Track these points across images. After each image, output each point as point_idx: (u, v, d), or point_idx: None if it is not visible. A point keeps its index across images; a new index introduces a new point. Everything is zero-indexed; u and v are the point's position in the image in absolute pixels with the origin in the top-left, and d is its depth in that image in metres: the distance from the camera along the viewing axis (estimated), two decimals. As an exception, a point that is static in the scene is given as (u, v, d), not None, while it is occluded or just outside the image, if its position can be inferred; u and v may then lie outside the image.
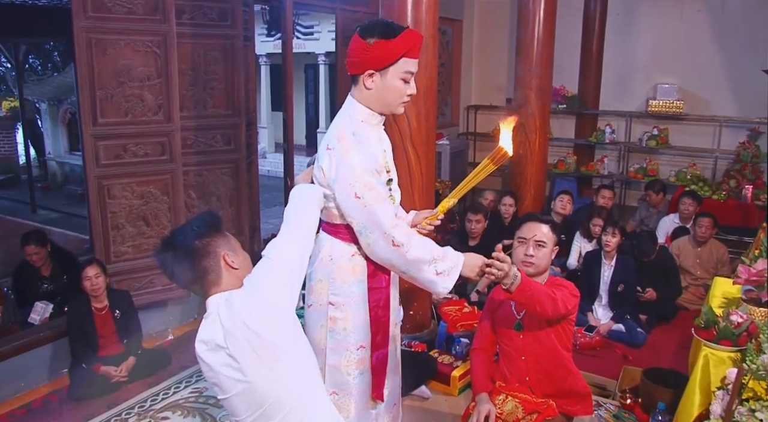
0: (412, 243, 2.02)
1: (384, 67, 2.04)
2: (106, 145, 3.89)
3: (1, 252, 7.11)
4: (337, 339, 2.18)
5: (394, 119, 3.64)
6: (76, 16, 3.67)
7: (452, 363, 3.60)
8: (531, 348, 2.60)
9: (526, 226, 2.58)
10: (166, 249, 1.68)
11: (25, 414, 3.38)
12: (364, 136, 2.09)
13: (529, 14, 5.45)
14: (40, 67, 14.10)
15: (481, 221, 4.88)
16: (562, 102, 7.43)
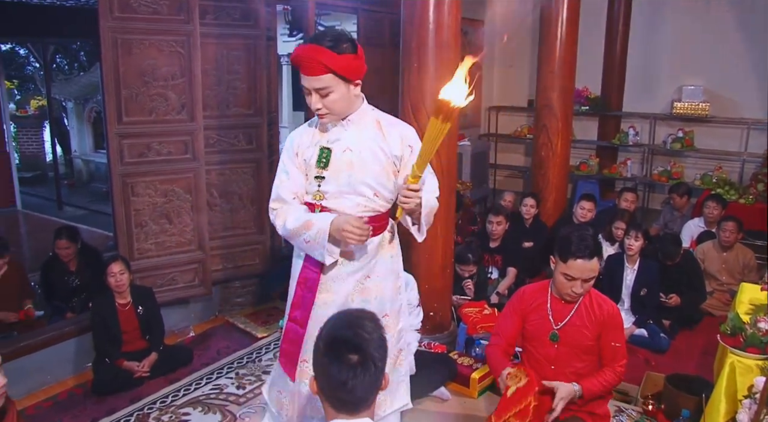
0: (277, 220, 2.27)
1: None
2: (130, 143, 3.94)
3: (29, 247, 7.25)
4: (289, 300, 2.42)
5: (416, 120, 3.65)
6: (102, 17, 3.72)
7: (472, 365, 3.59)
8: (564, 359, 2.60)
9: (575, 266, 2.48)
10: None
11: (51, 407, 3.44)
12: (310, 129, 2.32)
13: (552, 15, 5.42)
14: (67, 67, 14.30)
15: (502, 223, 4.86)
16: (584, 103, 7.36)
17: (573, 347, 2.60)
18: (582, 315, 2.59)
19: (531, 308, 2.68)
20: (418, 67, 3.62)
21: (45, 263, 4.52)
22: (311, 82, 2.13)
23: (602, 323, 2.56)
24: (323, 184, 2.24)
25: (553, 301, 2.64)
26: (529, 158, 7.65)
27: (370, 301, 2.33)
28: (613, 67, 7.22)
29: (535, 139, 5.87)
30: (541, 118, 5.68)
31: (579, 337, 2.59)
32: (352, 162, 2.22)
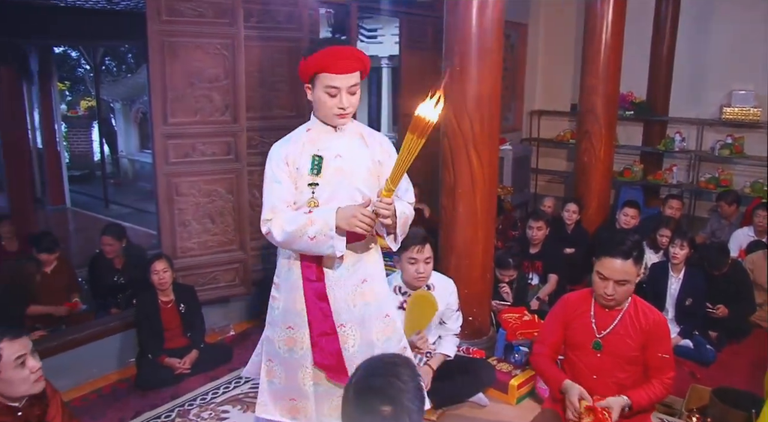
0: (274, 229, 2.24)
1: (308, 80, 2.24)
2: (175, 143, 4.01)
3: (77, 244, 7.46)
4: (272, 315, 2.46)
5: (458, 123, 3.63)
6: (150, 20, 3.81)
7: (511, 371, 3.55)
8: (607, 369, 2.55)
9: (607, 263, 2.46)
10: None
11: (96, 399, 3.53)
12: (296, 139, 2.33)
13: (596, 17, 5.33)
14: (116, 69, 14.70)
15: (543, 228, 4.80)
16: (629, 108, 7.21)
17: (616, 357, 2.55)
18: (626, 324, 2.54)
19: (574, 316, 2.64)
20: (460, 72, 3.60)
21: (92, 260, 4.65)
22: (347, 79, 2.20)
23: (648, 333, 2.50)
24: (317, 191, 2.28)
25: (597, 309, 2.60)
26: (571, 163, 7.54)
27: (370, 303, 2.40)
28: (659, 70, 7.05)
29: (577, 144, 5.78)
30: (584, 122, 5.59)
31: (623, 347, 2.54)
32: (343, 168, 2.30)
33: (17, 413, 2.15)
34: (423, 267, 3.10)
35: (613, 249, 2.45)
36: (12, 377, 2.06)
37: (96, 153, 12.63)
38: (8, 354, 2.05)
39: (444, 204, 3.84)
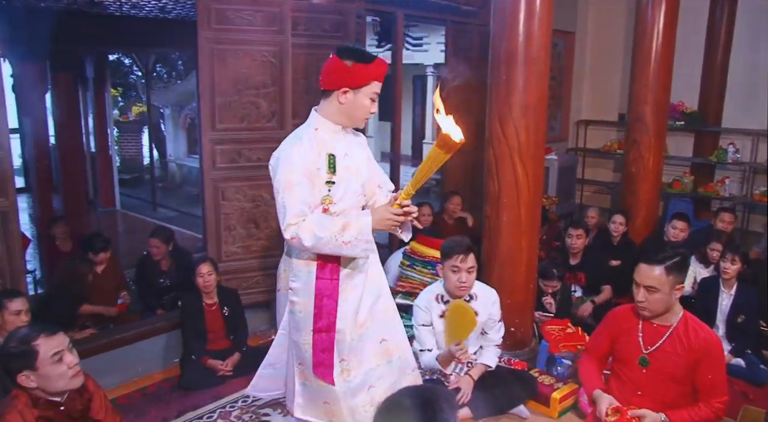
0: (303, 234, 2.27)
1: (358, 86, 2.35)
2: (222, 149, 4.09)
3: (126, 245, 7.65)
4: (296, 319, 2.50)
5: (503, 132, 3.61)
6: (201, 28, 3.90)
7: (553, 384, 3.49)
8: (652, 386, 2.49)
9: (639, 268, 2.49)
10: None
11: (140, 398, 3.60)
12: (309, 140, 2.38)
13: (647, 25, 5.22)
14: (166, 75, 15.08)
15: (582, 237, 4.72)
16: (680, 118, 7.04)
17: (663, 374, 2.48)
18: (675, 341, 2.47)
19: (622, 329, 2.59)
20: (506, 80, 3.58)
21: (139, 261, 4.76)
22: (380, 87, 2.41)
23: (698, 352, 2.42)
24: (333, 189, 2.39)
25: (645, 324, 2.54)
26: (618, 174, 7.40)
27: (382, 296, 2.58)
28: (712, 79, 6.86)
29: (625, 154, 5.67)
30: (633, 132, 5.48)
31: (670, 365, 2.46)
32: (350, 166, 2.45)
33: (59, 407, 2.20)
34: (465, 276, 3.10)
35: (647, 255, 2.48)
36: (50, 373, 2.12)
37: (145, 157, 12.95)
38: (45, 351, 2.11)
39: (488, 213, 3.81)
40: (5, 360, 2.13)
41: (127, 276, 4.84)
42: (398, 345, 2.66)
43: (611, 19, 7.67)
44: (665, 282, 2.42)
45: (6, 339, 2.21)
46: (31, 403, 2.14)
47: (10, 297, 3.00)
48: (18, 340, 2.13)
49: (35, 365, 2.10)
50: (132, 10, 6.41)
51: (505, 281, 3.71)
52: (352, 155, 2.48)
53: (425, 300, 3.28)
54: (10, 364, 2.12)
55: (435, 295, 3.24)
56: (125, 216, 9.52)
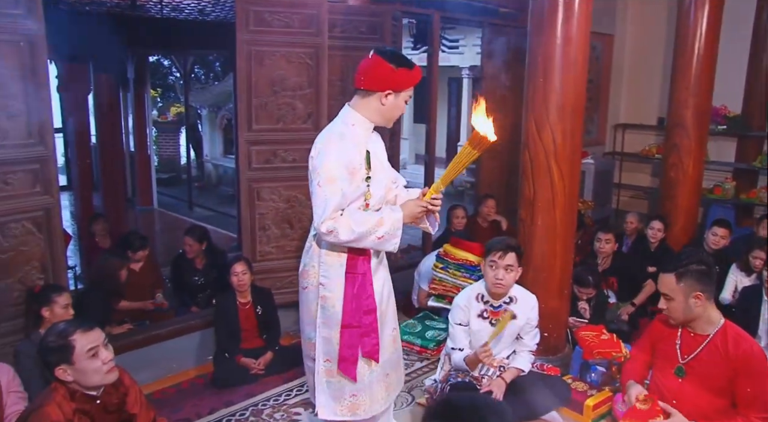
0: (340, 228, 2.32)
1: (402, 90, 2.42)
2: (258, 149, 4.13)
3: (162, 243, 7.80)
4: (327, 314, 2.53)
5: (539, 136, 3.57)
6: (239, 30, 3.95)
7: (587, 391, 3.44)
8: (688, 396, 2.44)
9: (659, 276, 2.52)
10: None
11: (175, 394, 3.66)
12: (349, 136, 2.43)
13: (689, 27, 5.12)
14: (204, 76, 15.33)
15: (611, 241, 4.66)
16: (722, 122, 6.87)
17: (699, 385, 2.42)
18: (712, 351, 2.41)
19: (662, 336, 2.56)
20: (543, 83, 3.54)
21: (174, 259, 4.84)
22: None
23: (737, 363, 2.35)
24: (372, 184, 2.48)
25: (684, 333, 2.49)
26: (656, 179, 7.26)
27: (391, 288, 2.72)
28: (757, 82, 6.67)
29: (664, 159, 5.56)
30: (672, 137, 5.38)
31: (707, 375, 2.40)
32: (379, 163, 2.55)
33: (96, 401, 2.25)
34: (502, 273, 3.09)
35: (664, 263, 2.53)
36: (85, 367, 2.16)
37: (182, 157, 13.17)
38: (81, 345, 2.15)
39: (522, 216, 3.77)
40: (44, 353, 2.19)
41: (162, 273, 4.93)
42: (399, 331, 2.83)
43: (651, 21, 7.53)
44: (677, 290, 2.40)
45: (45, 334, 2.28)
46: (69, 396, 2.19)
47: (58, 291, 3.09)
48: (56, 335, 2.18)
49: (72, 359, 2.15)
50: (172, 12, 6.54)
51: (539, 286, 3.66)
52: (379, 153, 2.60)
53: (465, 298, 3.28)
54: (48, 358, 2.17)
55: (476, 294, 3.24)
56: (162, 215, 9.70)
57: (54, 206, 3.29)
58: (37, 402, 2.20)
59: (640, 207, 7.60)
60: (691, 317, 2.45)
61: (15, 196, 3.14)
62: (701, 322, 2.45)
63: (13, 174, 3.12)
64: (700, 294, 2.39)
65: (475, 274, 4.42)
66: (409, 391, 3.62)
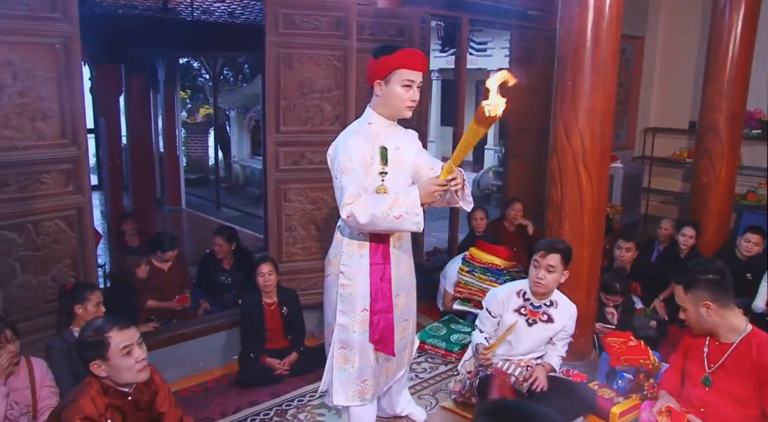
0: (357, 212, 2.41)
1: (385, 76, 2.54)
2: (286, 151, 4.16)
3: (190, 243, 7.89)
4: (345, 302, 2.70)
5: (568, 139, 3.54)
6: (268, 32, 3.98)
7: (613, 398, 3.39)
8: (714, 406, 2.41)
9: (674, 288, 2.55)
10: None
11: (200, 392, 3.70)
12: (363, 133, 2.60)
13: (723, 29, 5.03)
14: (232, 78, 15.49)
15: (632, 250, 4.61)
16: (756, 127, 6.73)
17: (725, 395, 2.38)
18: (736, 359, 2.37)
19: (691, 346, 2.54)
20: (572, 86, 3.51)
21: (202, 259, 4.89)
22: (419, 76, 2.57)
23: (762, 371, 2.31)
24: (386, 179, 2.60)
25: (711, 341, 2.45)
26: (687, 184, 7.14)
27: (413, 272, 2.88)
28: (792, 87, 6.54)
29: (695, 164, 5.47)
30: (704, 141, 5.28)
31: (732, 385, 2.36)
32: (402, 158, 2.67)
33: (127, 397, 2.29)
34: (543, 273, 3.11)
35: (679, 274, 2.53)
36: (119, 364, 2.20)
37: (211, 158, 13.32)
38: (116, 343, 2.20)
39: (550, 221, 3.74)
40: (81, 347, 2.24)
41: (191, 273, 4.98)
42: (411, 323, 2.98)
43: (684, 24, 7.41)
44: (686, 300, 2.44)
45: (83, 329, 2.33)
46: (102, 391, 2.23)
47: (92, 290, 3.16)
48: (93, 330, 2.23)
49: (106, 355, 2.19)
50: (203, 15, 6.63)
51: (565, 290, 3.61)
52: (403, 148, 2.69)
53: (506, 292, 3.31)
54: (84, 352, 2.22)
55: (518, 289, 3.27)
56: (190, 215, 9.81)
57: (86, 205, 3.36)
58: (71, 396, 2.25)
59: (670, 212, 7.47)
60: (709, 326, 2.43)
61: (49, 195, 3.21)
62: (723, 330, 2.42)
63: (47, 174, 3.19)
64: (708, 304, 2.38)
65: (501, 278, 4.39)
66: (433, 395, 3.61)
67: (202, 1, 6.41)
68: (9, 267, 3.11)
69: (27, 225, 3.15)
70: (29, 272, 3.19)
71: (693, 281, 2.42)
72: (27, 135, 3.08)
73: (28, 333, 3.18)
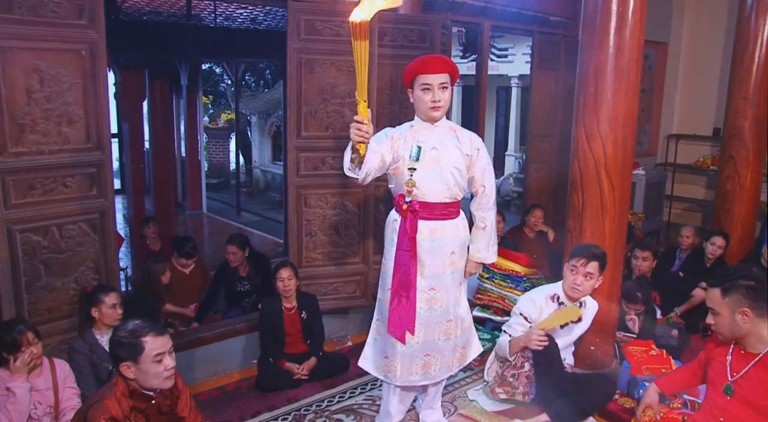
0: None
1: (410, 84, 2.81)
2: (306, 156, 4.18)
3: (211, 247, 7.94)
4: (383, 278, 2.99)
5: (589, 146, 3.51)
6: (290, 38, 4.00)
7: (634, 407, 3.34)
8: (735, 415, 2.37)
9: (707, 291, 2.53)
10: None
11: (219, 395, 3.72)
12: (402, 130, 2.84)
13: (749, 34, 4.97)
14: (254, 84, 15.60)
15: (649, 259, 4.54)
16: (782, 133, 6.62)
17: (746, 404, 2.34)
18: (760, 370, 2.33)
19: (715, 353, 2.50)
20: (594, 93, 3.48)
21: (220, 265, 4.88)
22: (437, 78, 2.72)
23: None
24: (415, 174, 2.78)
25: (736, 350, 2.41)
26: (711, 191, 7.05)
27: (458, 271, 2.95)
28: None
29: (720, 171, 5.39)
30: (729, 148, 5.22)
31: (755, 395, 2.32)
32: (438, 158, 2.81)
33: (151, 401, 2.31)
34: (581, 280, 3.23)
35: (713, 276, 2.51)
36: (148, 370, 2.22)
37: (232, 163, 13.42)
38: (150, 348, 2.21)
39: (570, 227, 3.71)
40: (114, 346, 2.25)
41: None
42: (458, 326, 3.01)
43: (708, 29, 7.33)
44: (723, 305, 2.37)
45: (118, 328, 2.33)
46: (128, 393, 2.25)
47: (106, 291, 3.18)
48: (129, 332, 2.24)
49: (139, 359, 2.20)
50: (225, 21, 6.70)
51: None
52: (442, 149, 2.83)
53: (543, 297, 3.39)
54: (117, 352, 2.23)
55: (552, 294, 3.36)
56: (210, 220, 9.89)
57: (109, 209, 3.40)
58: (98, 395, 2.27)
59: (693, 220, 7.38)
60: (740, 334, 2.39)
61: (73, 198, 3.26)
62: (752, 340, 2.37)
63: (72, 177, 3.24)
64: (746, 310, 2.33)
65: (521, 285, 4.36)
66: (451, 401, 3.59)
67: (225, 8, 6.48)
68: (33, 269, 3.16)
69: (52, 228, 3.20)
70: (53, 274, 3.23)
71: (733, 286, 2.37)
72: (53, 139, 3.14)
73: (52, 334, 3.23)
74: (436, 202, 2.82)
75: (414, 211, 2.80)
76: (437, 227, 2.84)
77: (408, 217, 2.80)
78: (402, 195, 2.83)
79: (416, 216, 2.80)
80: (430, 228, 2.83)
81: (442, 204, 2.83)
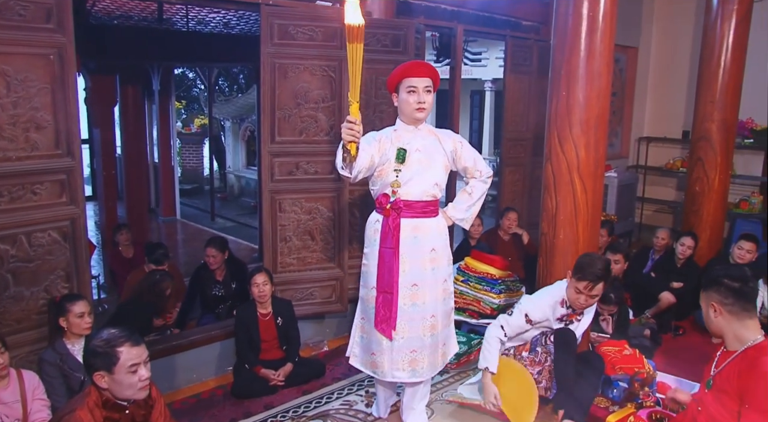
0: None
1: (395, 87, 2.95)
2: (281, 161, 4.16)
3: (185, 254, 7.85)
4: (365, 278, 3.10)
5: (562, 149, 3.55)
6: (263, 43, 3.98)
7: (608, 407, 3.39)
8: (709, 408, 2.45)
9: None
10: None
11: (195, 404, 3.67)
12: (387, 133, 2.98)
13: (715, 39, 5.08)
14: (228, 89, 15.49)
15: (620, 262, 4.61)
16: (748, 136, 6.77)
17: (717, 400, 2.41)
18: (731, 369, 2.38)
19: (713, 347, 2.59)
20: (566, 96, 3.53)
21: (196, 271, 4.85)
22: (422, 81, 2.87)
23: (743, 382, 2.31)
24: (400, 175, 2.92)
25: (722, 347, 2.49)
26: (681, 193, 7.17)
27: (439, 268, 3.03)
28: (784, 97, 6.58)
29: (689, 173, 5.50)
30: (697, 150, 5.32)
31: (721, 393, 2.39)
32: (422, 160, 2.95)
33: (125, 411, 2.27)
34: (585, 299, 3.27)
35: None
36: (123, 380, 2.17)
37: (206, 168, 13.29)
38: (125, 359, 2.16)
39: (544, 230, 3.75)
40: (89, 355, 2.20)
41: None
42: (441, 322, 3.09)
43: (676, 34, 7.47)
44: (702, 299, 2.49)
45: (94, 336, 2.27)
46: (101, 403, 2.20)
47: (73, 300, 3.10)
48: (104, 341, 2.18)
49: (113, 369, 2.15)
50: (198, 25, 6.63)
51: (561, 300, 3.62)
52: (425, 150, 2.97)
53: (550, 300, 3.40)
54: (92, 360, 2.18)
55: (560, 299, 3.38)
56: (184, 226, 9.78)
57: (79, 216, 3.34)
58: (70, 406, 2.22)
59: (665, 221, 7.50)
60: (715, 329, 2.46)
61: (42, 205, 3.19)
62: (729, 338, 2.42)
63: (41, 184, 3.17)
64: (714, 304, 2.40)
65: (496, 288, 4.39)
66: (428, 404, 3.59)
67: (197, 12, 6.42)
68: (1, 278, 3.08)
69: (20, 237, 3.13)
70: (21, 284, 3.16)
71: (711, 281, 2.45)
72: (20, 146, 3.07)
73: (20, 345, 3.16)
74: (418, 200, 2.96)
75: (398, 208, 2.93)
76: (419, 224, 2.97)
77: (391, 216, 2.94)
78: (386, 194, 2.96)
79: (399, 214, 2.93)
80: (413, 226, 2.96)
81: (423, 202, 2.97)
